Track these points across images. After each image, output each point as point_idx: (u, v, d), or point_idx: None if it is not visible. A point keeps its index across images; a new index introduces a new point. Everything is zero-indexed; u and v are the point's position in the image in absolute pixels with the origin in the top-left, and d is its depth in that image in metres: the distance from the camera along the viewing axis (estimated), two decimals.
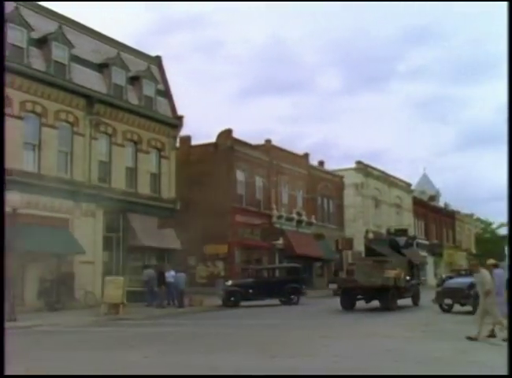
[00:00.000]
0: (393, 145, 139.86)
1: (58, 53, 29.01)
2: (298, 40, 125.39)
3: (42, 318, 21.25)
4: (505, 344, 13.19)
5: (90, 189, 29.12)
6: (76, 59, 30.17)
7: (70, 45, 29.57)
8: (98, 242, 29.67)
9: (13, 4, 26.60)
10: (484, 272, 14.79)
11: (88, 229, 28.91)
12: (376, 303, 26.38)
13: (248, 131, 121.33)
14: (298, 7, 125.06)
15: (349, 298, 26.69)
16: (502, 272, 15.00)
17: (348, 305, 26.35)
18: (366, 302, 26.81)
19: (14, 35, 26.21)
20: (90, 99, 29.90)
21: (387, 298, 25.51)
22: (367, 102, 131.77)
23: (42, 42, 28.56)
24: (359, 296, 26.76)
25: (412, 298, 28.62)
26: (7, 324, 12.19)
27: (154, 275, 29.02)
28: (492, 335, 14.32)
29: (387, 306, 25.36)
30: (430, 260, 68.07)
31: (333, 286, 34.16)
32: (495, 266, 15.13)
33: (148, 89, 34.43)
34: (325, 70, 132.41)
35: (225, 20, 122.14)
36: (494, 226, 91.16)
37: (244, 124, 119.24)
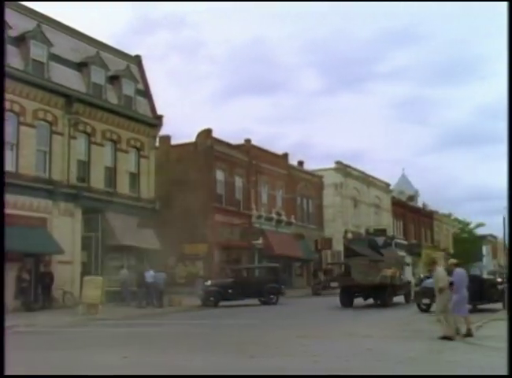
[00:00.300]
0: (373, 145, 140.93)
1: (37, 51, 28.76)
2: (278, 41, 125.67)
3: (18, 318, 20.94)
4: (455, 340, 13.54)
5: (68, 188, 28.95)
6: (54, 58, 29.92)
7: (49, 43, 29.34)
8: (77, 241, 29.46)
9: None
10: (439, 269, 15.22)
11: (67, 229, 28.70)
12: (368, 301, 27.78)
13: (228, 131, 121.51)
14: (279, 8, 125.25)
15: (348, 295, 27.70)
16: (462, 271, 15.30)
17: (347, 303, 27.32)
18: (364, 300, 27.99)
19: None
20: (69, 98, 29.69)
21: (384, 295, 26.89)
22: (347, 103, 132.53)
23: (20, 41, 28.28)
24: (357, 294, 27.86)
25: (404, 295, 29.66)
26: None
27: (130, 275, 28.94)
28: (469, 334, 14.46)
29: (384, 303, 26.54)
30: (408, 259, 68.43)
31: (335, 284, 35.18)
32: (457, 265, 15.46)
33: (127, 88, 34.27)
34: (305, 71, 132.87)
35: (206, 20, 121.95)
36: (471, 226, 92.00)
37: (224, 123, 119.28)
